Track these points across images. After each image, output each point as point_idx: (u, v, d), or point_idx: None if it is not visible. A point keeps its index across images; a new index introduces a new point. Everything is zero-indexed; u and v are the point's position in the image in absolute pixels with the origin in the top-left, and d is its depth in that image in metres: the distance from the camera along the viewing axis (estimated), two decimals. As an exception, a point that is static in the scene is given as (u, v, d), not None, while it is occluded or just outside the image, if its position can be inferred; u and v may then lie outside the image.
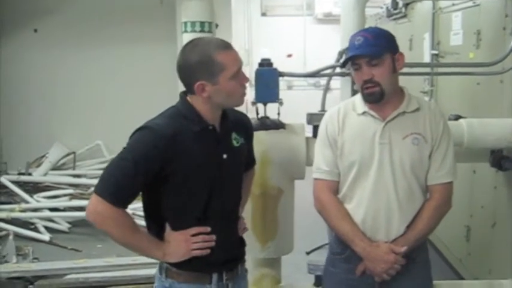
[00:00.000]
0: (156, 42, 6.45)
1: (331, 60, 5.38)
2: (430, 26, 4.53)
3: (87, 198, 5.48)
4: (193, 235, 1.96)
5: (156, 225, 2.01)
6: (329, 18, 8.63)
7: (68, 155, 6.52)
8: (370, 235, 2.20)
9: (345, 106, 2.30)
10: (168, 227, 1.98)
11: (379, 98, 2.14)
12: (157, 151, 1.86)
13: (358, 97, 2.25)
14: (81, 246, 4.79)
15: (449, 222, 2.25)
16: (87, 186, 5.77)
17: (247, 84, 2.00)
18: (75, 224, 5.30)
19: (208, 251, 1.97)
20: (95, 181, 6.15)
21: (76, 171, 6.39)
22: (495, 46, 3.40)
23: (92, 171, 6.39)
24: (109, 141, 6.68)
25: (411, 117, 2.19)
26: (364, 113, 2.21)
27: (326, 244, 4.96)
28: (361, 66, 2.12)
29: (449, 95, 4.14)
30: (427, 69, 4.21)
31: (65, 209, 5.45)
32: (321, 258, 4.71)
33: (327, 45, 8.37)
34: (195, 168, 1.93)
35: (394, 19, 5.64)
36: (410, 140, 2.16)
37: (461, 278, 3.94)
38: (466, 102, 3.80)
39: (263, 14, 9.23)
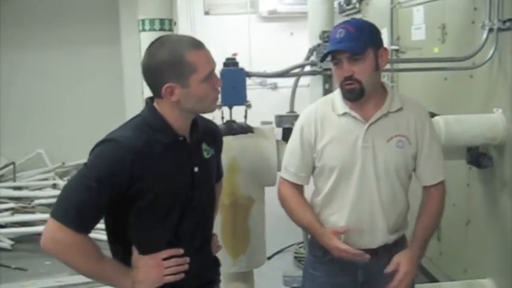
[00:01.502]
0: (102, 43, 6.16)
1: (278, 58, 5.24)
2: (389, 21, 4.44)
3: (31, 212, 5.21)
4: (165, 259, 1.76)
5: (121, 249, 1.79)
6: (273, 16, 8.57)
7: (6, 165, 6.18)
8: (353, 242, 2.08)
9: (324, 106, 2.16)
10: (135, 251, 1.76)
11: (359, 95, 2.02)
12: (124, 167, 1.65)
13: (338, 96, 2.12)
14: (26, 265, 4.49)
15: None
16: (30, 199, 5.48)
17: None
18: (18, 240, 5.03)
19: (183, 275, 1.78)
20: (38, 193, 5.81)
21: (17, 183, 6.03)
22: (463, 40, 3.32)
23: (34, 182, 6.07)
24: (51, 149, 6.35)
25: (394, 118, 2.08)
26: (345, 114, 2.09)
27: (286, 247, 4.88)
28: (341, 61, 2.00)
29: (413, 90, 4.04)
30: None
31: (6, 225, 5.16)
32: (282, 262, 4.70)
33: (273, 43, 8.40)
34: (165, 185, 1.73)
35: (347, 15, 5.53)
36: (394, 143, 2.06)
37: (433, 278, 3.87)
38: (432, 97, 3.71)
39: (206, 13, 9.04)
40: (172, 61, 1.69)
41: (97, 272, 1.71)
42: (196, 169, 1.82)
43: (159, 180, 1.71)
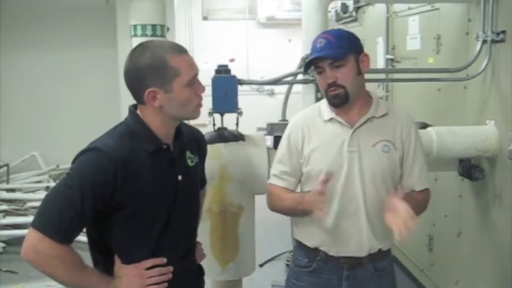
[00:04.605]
0: (99, 45, 6.15)
1: (276, 64, 5.20)
2: (384, 30, 4.44)
3: (23, 215, 5.17)
4: (148, 268, 1.73)
5: (104, 258, 1.77)
6: (272, 22, 8.53)
7: (0, 167, 6.16)
8: (340, 248, 2.10)
9: (311, 113, 2.21)
10: (118, 261, 1.74)
11: (344, 100, 2.04)
12: (108, 177, 1.62)
13: (324, 103, 2.16)
14: (17, 268, 4.45)
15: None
16: (23, 202, 5.46)
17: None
18: (10, 242, 4.96)
19: (166, 284, 1.75)
20: (31, 195, 5.76)
21: (10, 185, 6.03)
22: (457, 51, 3.32)
23: (27, 184, 6.07)
24: (46, 152, 6.37)
25: (380, 123, 2.10)
26: (331, 119, 2.12)
27: (279, 255, 4.87)
28: (324, 69, 2.04)
29: (407, 100, 4.05)
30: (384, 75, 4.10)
31: (-2, 227, 5.10)
32: (274, 269, 4.68)
33: (271, 50, 8.38)
34: (149, 194, 1.71)
35: (344, 23, 5.53)
36: (380, 148, 2.07)
37: (424, 289, 3.86)
38: (426, 108, 3.71)
39: (204, 18, 9.02)
40: (155, 65, 1.67)
41: (80, 283, 1.67)
42: (180, 177, 1.80)
43: (143, 189, 1.69)
